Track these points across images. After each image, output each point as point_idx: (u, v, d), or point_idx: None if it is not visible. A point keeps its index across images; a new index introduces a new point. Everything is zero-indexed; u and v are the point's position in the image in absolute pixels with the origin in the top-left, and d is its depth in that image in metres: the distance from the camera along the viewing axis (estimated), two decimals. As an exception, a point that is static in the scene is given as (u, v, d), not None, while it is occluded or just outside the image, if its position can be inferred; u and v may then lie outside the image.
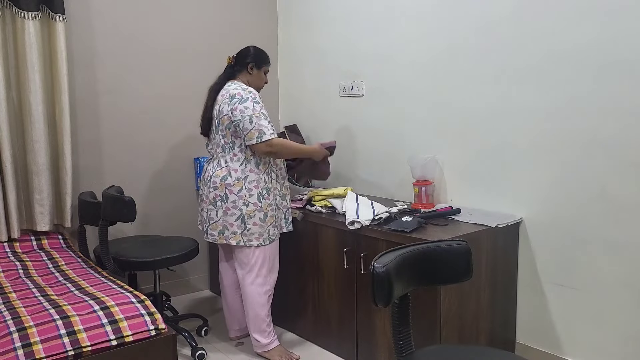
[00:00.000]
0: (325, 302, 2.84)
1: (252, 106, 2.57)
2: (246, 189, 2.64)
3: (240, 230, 2.65)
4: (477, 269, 2.30)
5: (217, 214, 2.68)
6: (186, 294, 3.72)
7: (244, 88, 2.65)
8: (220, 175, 2.66)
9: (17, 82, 2.92)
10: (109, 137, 3.34)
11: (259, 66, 2.81)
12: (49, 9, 2.93)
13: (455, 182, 2.90)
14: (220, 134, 2.68)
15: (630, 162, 2.22)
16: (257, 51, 2.84)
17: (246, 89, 2.65)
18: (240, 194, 2.64)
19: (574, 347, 2.48)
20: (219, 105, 2.67)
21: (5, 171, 2.85)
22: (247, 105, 2.57)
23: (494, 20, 2.63)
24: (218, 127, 2.69)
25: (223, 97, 2.66)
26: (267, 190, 2.69)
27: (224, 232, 2.68)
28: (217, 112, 2.68)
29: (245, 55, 2.81)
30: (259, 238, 2.67)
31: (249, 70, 2.78)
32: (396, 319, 1.65)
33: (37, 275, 2.55)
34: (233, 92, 2.63)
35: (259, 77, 2.82)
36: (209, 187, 2.70)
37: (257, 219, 2.65)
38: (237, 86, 2.67)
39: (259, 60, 2.81)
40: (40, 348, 1.82)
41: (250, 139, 2.57)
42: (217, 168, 2.69)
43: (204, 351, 2.76)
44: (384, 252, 1.65)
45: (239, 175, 2.64)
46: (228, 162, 2.67)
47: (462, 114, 2.81)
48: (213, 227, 2.71)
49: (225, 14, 3.73)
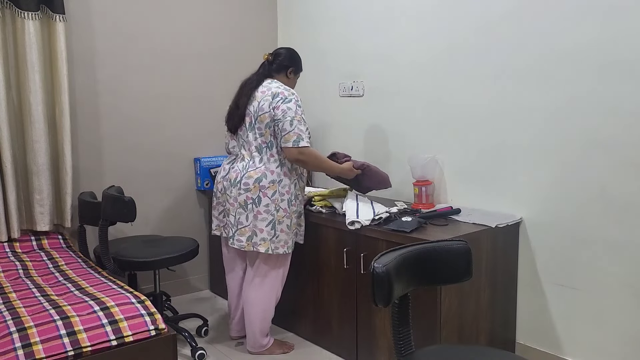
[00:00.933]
0: (326, 302, 2.84)
1: (294, 108, 2.50)
2: (279, 193, 2.56)
3: (270, 237, 2.56)
4: (477, 269, 2.30)
5: (247, 218, 2.57)
6: (186, 294, 3.72)
7: (287, 88, 2.59)
8: (255, 177, 2.55)
9: (17, 82, 2.92)
10: (109, 137, 3.34)
11: (296, 72, 2.78)
12: (49, 9, 2.93)
13: (455, 182, 2.90)
14: (258, 132, 2.58)
15: (630, 162, 2.22)
16: (297, 57, 2.79)
17: (289, 89, 2.59)
18: (273, 198, 2.55)
19: (574, 347, 2.48)
20: (258, 102, 2.57)
21: (5, 171, 2.85)
22: (291, 106, 2.50)
23: (493, 20, 2.63)
24: (254, 124, 2.59)
25: (264, 94, 2.57)
26: (296, 197, 2.64)
27: (252, 238, 2.58)
28: (255, 109, 2.57)
29: (286, 58, 2.73)
30: (284, 246, 2.61)
31: (288, 74, 2.73)
32: (396, 319, 1.65)
33: (37, 275, 2.55)
34: (275, 91, 2.55)
35: (293, 82, 2.78)
36: (239, 188, 2.58)
37: (284, 226, 2.59)
38: (279, 85, 2.60)
39: (298, 67, 2.78)
40: (40, 348, 1.82)
41: (287, 142, 2.49)
42: (250, 169, 2.58)
43: (204, 351, 2.76)
44: (384, 252, 1.65)
45: (274, 177, 2.56)
46: (265, 162, 2.57)
47: (462, 114, 2.81)
48: (241, 232, 2.60)
49: (225, 14, 3.73)
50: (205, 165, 3.64)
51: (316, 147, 3.80)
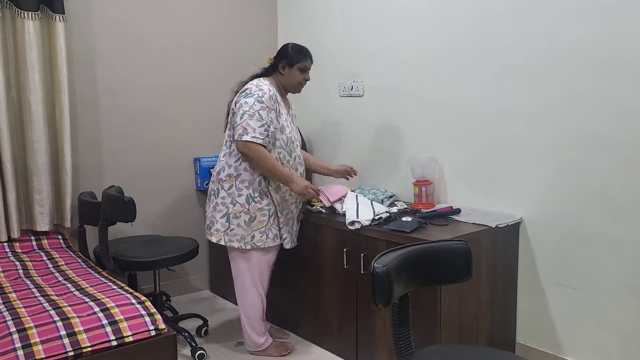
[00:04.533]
0: (325, 302, 2.84)
1: (251, 102, 2.47)
2: (236, 187, 2.58)
3: (224, 228, 2.61)
4: (477, 269, 2.30)
5: (208, 207, 2.69)
6: (186, 294, 3.72)
7: (259, 85, 2.54)
8: (217, 170, 2.66)
9: (17, 82, 2.92)
10: (109, 137, 3.34)
11: (290, 64, 2.65)
12: (48, 9, 2.93)
13: (455, 182, 2.89)
14: (227, 126, 2.66)
15: (630, 161, 2.22)
16: (287, 49, 2.68)
17: (260, 85, 2.54)
18: (230, 192, 2.58)
19: (574, 347, 2.48)
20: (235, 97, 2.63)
21: (5, 171, 2.85)
22: (248, 100, 2.48)
23: (494, 19, 2.63)
24: (229, 119, 2.65)
25: (240, 93, 2.60)
26: (262, 194, 2.59)
27: (210, 227, 2.67)
28: (231, 105, 2.63)
29: (278, 55, 2.70)
30: (240, 241, 2.61)
31: (280, 70, 2.66)
32: (396, 319, 1.65)
33: (37, 275, 2.55)
34: (247, 86, 2.57)
35: (291, 76, 2.66)
36: (210, 180, 2.72)
37: (242, 221, 2.59)
38: (256, 82, 2.58)
39: (288, 59, 2.65)
40: (40, 349, 1.82)
41: (235, 134, 2.49)
42: (218, 161, 2.68)
43: (204, 351, 2.76)
44: (384, 252, 1.65)
45: (231, 171, 2.59)
46: (226, 156, 2.63)
47: (462, 114, 2.81)
48: (206, 220, 2.73)
49: (225, 14, 3.73)
50: (205, 165, 3.64)
51: (316, 147, 3.81)
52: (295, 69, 2.65)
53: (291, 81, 2.67)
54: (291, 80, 2.67)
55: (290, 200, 2.70)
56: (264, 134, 2.47)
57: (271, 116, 2.51)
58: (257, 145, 2.46)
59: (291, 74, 2.66)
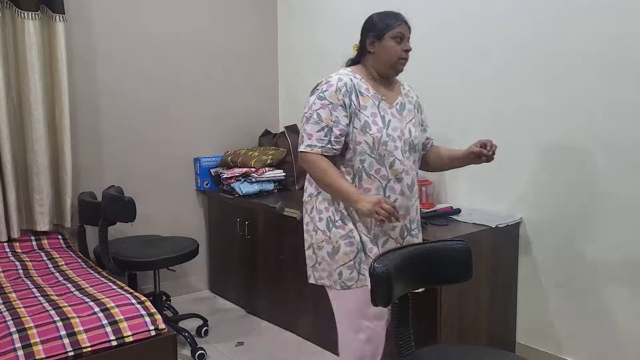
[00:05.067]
0: (326, 302, 2.82)
1: (311, 101, 1.94)
2: (316, 209, 2.00)
3: (312, 262, 2.05)
4: (477, 269, 2.29)
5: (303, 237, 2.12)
6: (186, 294, 3.71)
7: (330, 77, 1.98)
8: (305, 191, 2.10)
9: (17, 82, 2.92)
10: (109, 137, 3.34)
11: (379, 35, 1.97)
12: (48, 9, 2.93)
13: (455, 182, 2.89)
14: None
15: (630, 162, 2.22)
16: (371, 19, 2.03)
17: (330, 78, 1.97)
18: (312, 215, 2.02)
19: (574, 347, 2.48)
20: None
21: (5, 171, 2.85)
22: (310, 99, 1.96)
23: (494, 20, 2.63)
24: None
25: None
26: (344, 217, 1.94)
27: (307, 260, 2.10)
28: None
29: (362, 31, 2.05)
30: (328, 278, 2.00)
31: (368, 49, 2.00)
32: (396, 319, 1.65)
33: (37, 276, 2.55)
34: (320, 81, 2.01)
35: (384, 52, 1.97)
36: None
37: (325, 253, 1.97)
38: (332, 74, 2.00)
39: (376, 28, 1.98)
40: (40, 349, 1.82)
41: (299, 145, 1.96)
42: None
43: (204, 351, 2.76)
44: (384, 252, 1.65)
45: (312, 190, 2.02)
46: None
47: (462, 114, 2.81)
48: None
49: (225, 14, 3.73)
50: (205, 165, 3.64)
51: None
52: (388, 40, 1.97)
53: (386, 58, 1.98)
54: (386, 57, 1.98)
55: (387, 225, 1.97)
56: (324, 140, 1.90)
57: (337, 115, 1.90)
58: (314, 154, 1.90)
59: (384, 49, 1.98)
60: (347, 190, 1.88)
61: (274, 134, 3.82)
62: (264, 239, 3.21)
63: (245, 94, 3.88)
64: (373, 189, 1.94)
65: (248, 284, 3.37)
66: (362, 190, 1.93)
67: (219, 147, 3.77)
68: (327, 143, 1.90)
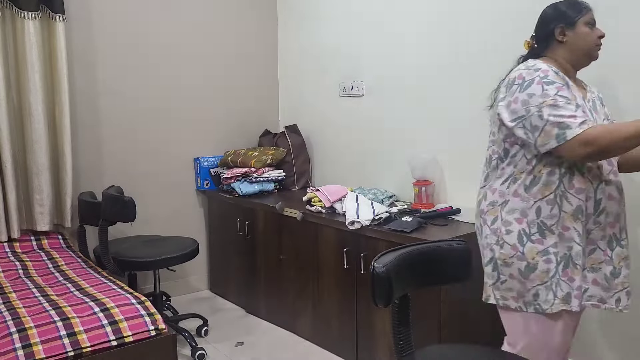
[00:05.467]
0: (325, 302, 2.84)
1: (540, 90, 1.66)
2: (503, 221, 1.77)
3: (492, 280, 1.81)
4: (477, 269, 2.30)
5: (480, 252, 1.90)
6: (186, 294, 3.71)
7: (531, 66, 1.74)
8: (477, 199, 1.91)
9: (17, 82, 2.92)
10: (109, 137, 3.34)
11: (571, 23, 1.78)
12: (49, 9, 2.93)
13: (455, 182, 2.89)
14: (490, 138, 1.87)
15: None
16: (558, 7, 1.84)
17: (533, 66, 1.73)
18: (493, 227, 1.80)
19: (574, 347, 2.47)
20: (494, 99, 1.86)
21: (5, 171, 2.85)
22: (533, 90, 1.67)
23: (494, 19, 2.63)
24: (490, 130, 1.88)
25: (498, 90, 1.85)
26: (542, 229, 1.72)
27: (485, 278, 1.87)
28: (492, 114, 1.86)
29: (544, 22, 1.86)
30: (517, 298, 1.76)
31: (558, 38, 1.80)
32: (396, 319, 1.65)
33: (37, 275, 2.55)
34: (512, 77, 1.78)
35: (579, 39, 1.78)
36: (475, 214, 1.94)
37: (515, 270, 1.74)
38: (521, 66, 1.79)
39: (567, 16, 1.79)
40: (40, 349, 1.82)
41: (546, 142, 1.65)
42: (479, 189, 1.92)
43: (204, 351, 2.76)
44: (384, 252, 1.65)
45: (495, 198, 1.80)
46: (490, 179, 1.86)
47: (462, 114, 2.81)
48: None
49: (225, 14, 3.73)
50: (205, 165, 3.64)
51: (315, 147, 3.80)
52: (581, 26, 1.78)
53: (583, 45, 1.79)
54: (582, 44, 1.79)
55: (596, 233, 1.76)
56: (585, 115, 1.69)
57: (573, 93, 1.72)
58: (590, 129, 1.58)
59: (578, 36, 1.78)
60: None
61: (274, 134, 3.82)
62: (264, 239, 3.21)
63: (245, 94, 3.88)
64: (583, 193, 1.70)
65: (248, 284, 3.38)
66: (574, 190, 1.70)
67: (219, 147, 3.77)
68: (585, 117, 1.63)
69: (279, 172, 3.53)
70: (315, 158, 3.77)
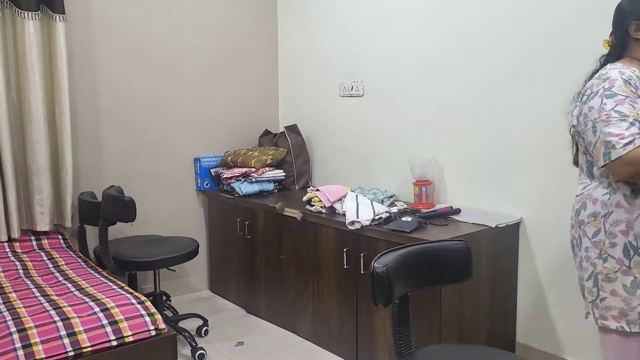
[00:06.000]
0: (325, 302, 2.84)
1: (598, 104, 1.60)
2: (606, 232, 1.66)
3: (592, 297, 1.70)
4: (477, 269, 2.30)
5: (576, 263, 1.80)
6: (186, 294, 3.72)
7: (602, 74, 1.66)
8: (575, 208, 1.77)
9: (17, 82, 2.92)
10: (109, 137, 3.34)
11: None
12: (49, 9, 2.93)
13: (455, 182, 2.90)
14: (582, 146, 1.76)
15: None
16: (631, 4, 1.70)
17: (604, 74, 1.65)
18: (595, 240, 1.68)
19: (574, 347, 2.48)
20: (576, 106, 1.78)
21: (5, 171, 2.85)
22: (593, 103, 1.62)
23: (494, 20, 2.63)
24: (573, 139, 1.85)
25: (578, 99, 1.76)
26: None
27: (584, 292, 1.75)
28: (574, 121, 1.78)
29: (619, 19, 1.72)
30: (619, 318, 1.64)
31: (634, 36, 1.67)
32: (396, 319, 1.65)
33: (37, 275, 2.55)
34: (586, 86, 1.71)
35: None
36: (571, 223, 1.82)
37: (618, 286, 1.63)
38: (602, 74, 1.68)
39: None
40: (40, 349, 1.82)
41: (597, 159, 1.62)
42: (576, 196, 1.79)
43: (204, 351, 2.76)
44: (384, 252, 1.65)
45: (597, 209, 1.68)
46: (588, 187, 1.74)
47: (462, 114, 2.81)
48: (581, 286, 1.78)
49: (225, 14, 3.73)
50: (205, 165, 3.64)
51: (315, 146, 3.80)
52: None
53: None
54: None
55: None
56: (637, 132, 1.56)
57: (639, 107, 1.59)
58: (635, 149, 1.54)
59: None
60: None
61: (274, 134, 3.82)
62: (264, 239, 3.21)
63: (245, 94, 3.88)
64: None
65: (248, 284, 3.38)
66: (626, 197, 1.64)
67: (219, 147, 3.77)
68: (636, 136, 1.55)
69: (279, 172, 3.53)
70: (315, 158, 3.77)
